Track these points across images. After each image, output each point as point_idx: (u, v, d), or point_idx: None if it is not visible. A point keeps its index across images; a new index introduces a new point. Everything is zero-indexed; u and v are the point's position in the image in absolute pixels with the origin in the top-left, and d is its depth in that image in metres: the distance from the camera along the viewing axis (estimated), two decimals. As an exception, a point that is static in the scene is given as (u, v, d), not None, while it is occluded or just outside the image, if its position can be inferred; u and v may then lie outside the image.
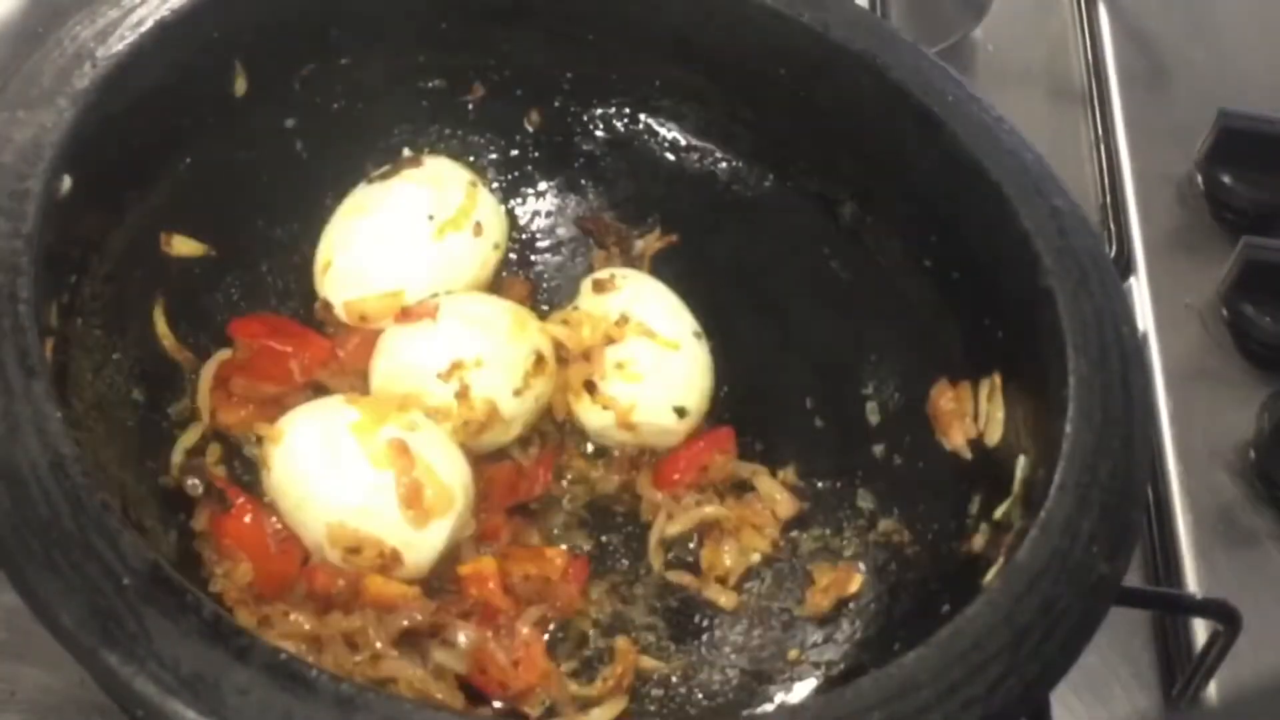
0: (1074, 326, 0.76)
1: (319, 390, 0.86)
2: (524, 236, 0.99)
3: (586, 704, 0.78)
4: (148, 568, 0.60)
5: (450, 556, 0.80)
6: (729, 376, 0.93)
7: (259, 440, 0.81)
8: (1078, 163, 1.18)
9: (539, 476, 0.87)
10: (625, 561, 0.87)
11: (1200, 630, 0.88)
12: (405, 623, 0.75)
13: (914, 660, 0.64)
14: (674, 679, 0.82)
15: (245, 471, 0.83)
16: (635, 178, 0.99)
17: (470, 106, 0.98)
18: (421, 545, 0.77)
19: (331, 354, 0.87)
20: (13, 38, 1.06)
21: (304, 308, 0.91)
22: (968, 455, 0.84)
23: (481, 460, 0.85)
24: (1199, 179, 1.17)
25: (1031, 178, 0.83)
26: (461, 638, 0.76)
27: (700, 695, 0.82)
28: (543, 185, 1.00)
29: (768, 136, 0.95)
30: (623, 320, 0.88)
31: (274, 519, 0.79)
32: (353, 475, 0.77)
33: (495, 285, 0.93)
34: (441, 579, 0.80)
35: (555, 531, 0.87)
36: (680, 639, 0.84)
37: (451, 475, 0.79)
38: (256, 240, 0.91)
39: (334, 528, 0.76)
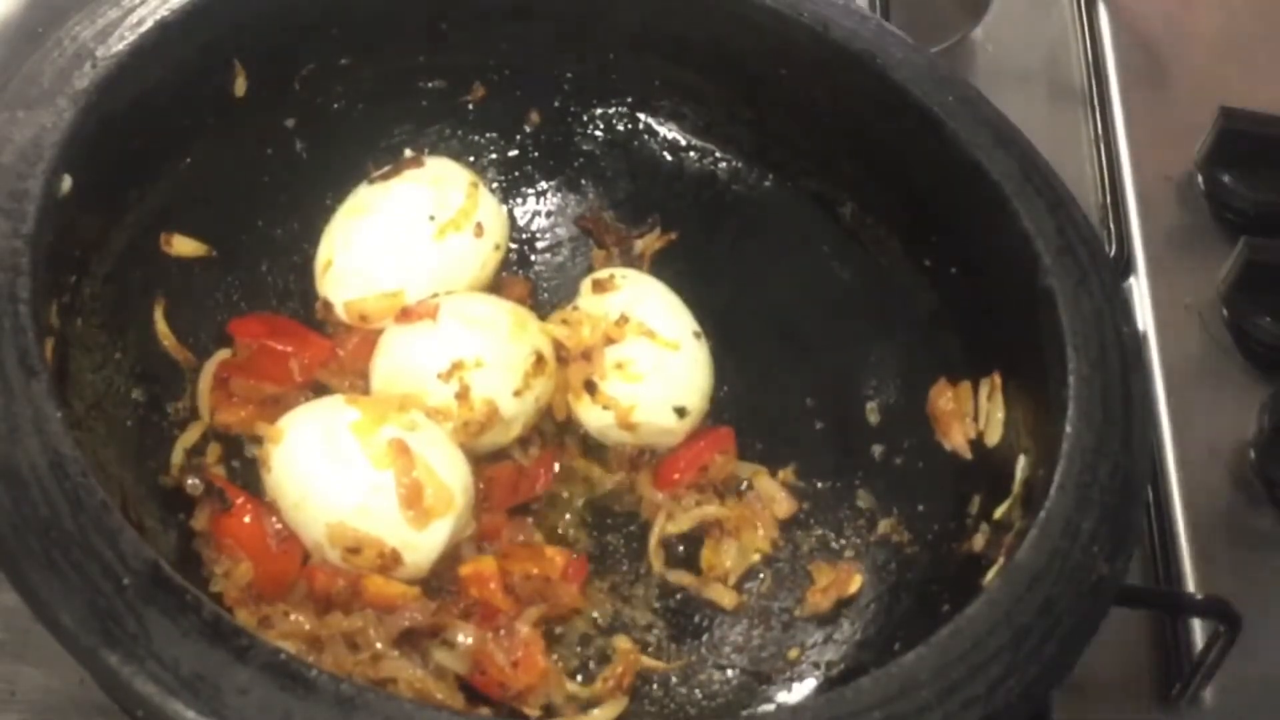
0: (1074, 326, 0.77)
1: (319, 390, 0.86)
2: (524, 236, 0.99)
3: (586, 704, 0.78)
4: (148, 568, 0.60)
5: (450, 556, 0.80)
6: (729, 376, 0.93)
7: (259, 440, 0.81)
8: (1078, 163, 1.18)
9: (539, 476, 0.87)
10: (625, 561, 0.87)
11: (1200, 630, 0.88)
12: (405, 623, 0.75)
13: (914, 660, 0.64)
14: (674, 679, 0.82)
15: (245, 471, 0.83)
16: (635, 178, 0.99)
17: (470, 106, 0.98)
18: (421, 545, 0.77)
19: (331, 354, 0.87)
20: (13, 38, 1.06)
21: (304, 308, 0.91)
22: (968, 455, 0.84)
23: (481, 460, 0.85)
24: (1199, 179, 1.17)
25: (1031, 177, 0.83)
26: (461, 638, 0.76)
27: (700, 695, 0.82)
28: (543, 185, 1.00)
29: (768, 136, 0.95)
30: (623, 320, 0.88)
31: (274, 519, 0.79)
32: (353, 475, 0.77)
33: (495, 285, 0.93)
34: (441, 579, 0.80)
35: (555, 531, 0.87)
36: (680, 639, 0.84)
37: (451, 475, 0.79)
38: (256, 240, 0.91)
39: (334, 528, 0.76)
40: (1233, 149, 1.16)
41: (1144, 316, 1.07)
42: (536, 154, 0.99)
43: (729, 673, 0.83)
